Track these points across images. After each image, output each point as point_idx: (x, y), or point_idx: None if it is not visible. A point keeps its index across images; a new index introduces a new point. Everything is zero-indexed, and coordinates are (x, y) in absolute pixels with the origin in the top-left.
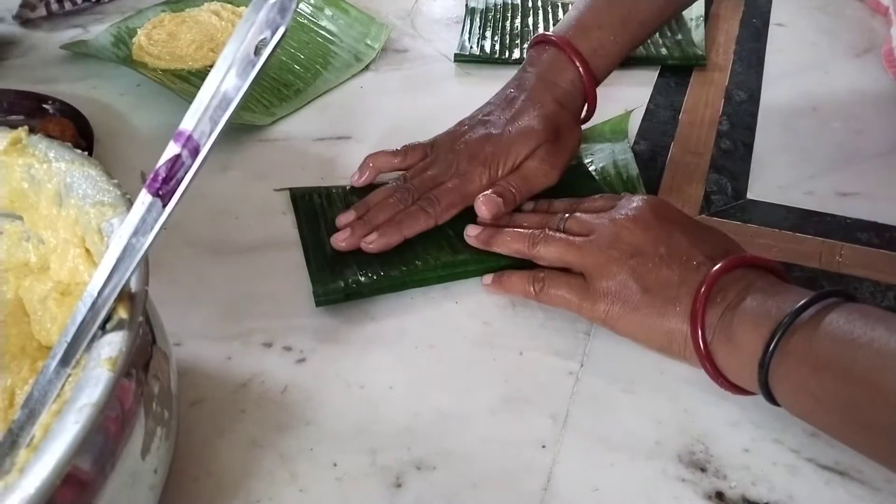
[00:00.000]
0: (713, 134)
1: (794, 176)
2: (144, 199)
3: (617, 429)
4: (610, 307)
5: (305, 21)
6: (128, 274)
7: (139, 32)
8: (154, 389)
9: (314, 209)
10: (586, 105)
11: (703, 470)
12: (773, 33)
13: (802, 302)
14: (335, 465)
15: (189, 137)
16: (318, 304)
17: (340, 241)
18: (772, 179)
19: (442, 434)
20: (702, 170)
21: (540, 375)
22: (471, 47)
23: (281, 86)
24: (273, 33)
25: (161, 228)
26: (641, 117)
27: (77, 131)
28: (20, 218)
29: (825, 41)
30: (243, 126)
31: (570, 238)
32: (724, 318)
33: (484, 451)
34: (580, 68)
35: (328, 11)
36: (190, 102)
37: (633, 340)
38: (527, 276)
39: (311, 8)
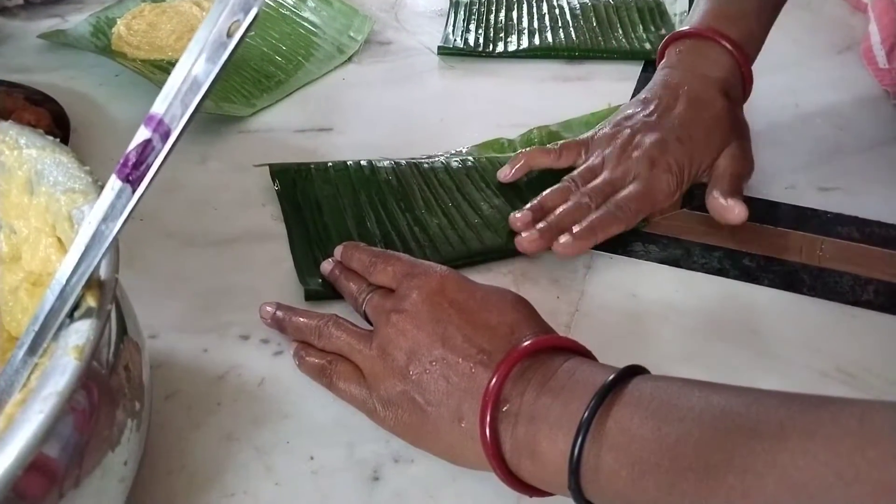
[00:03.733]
0: None
1: (775, 171)
2: (114, 184)
3: None
4: (395, 419)
5: (288, 12)
6: (96, 261)
7: (119, 22)
8: (124, 380)
9: (294, 185)
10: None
11: None
12: None
13: (592, 402)
14: (312, 458)
15: (160, 122)
16: (307, 299)
17: (527, 243)
18: (754, 175)
19: None
20: None
21: None
22: (455, 40)
23: (262, 77)
24: (245, 15)
25: (131, 215)
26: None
27: (53, 121)
28: None
29: (806, 38)
30: (223, 117)
31: (351, 334)
32: (516, 431)
33: None
34: (735, 54)
35: (311, 3)
36: None
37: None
38: (319, 364)
39: (294, 0)
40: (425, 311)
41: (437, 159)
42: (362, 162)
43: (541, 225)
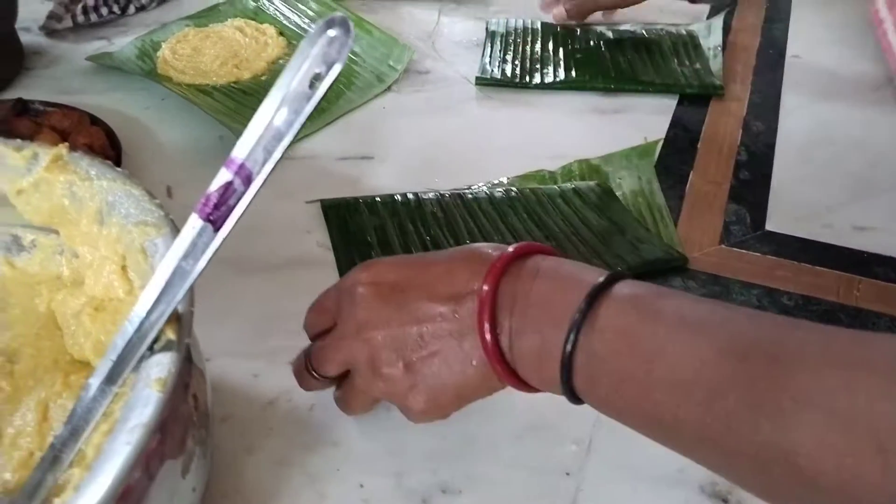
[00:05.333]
0: (731, 164)
1: (811, 208)
2: (195, 223)
3: (640, 457)
4: (425, 409)
5: None
6: (179, 297)
7: (164, 46)
8: (193, 408)
9: (343, 218)
10: None
11: (724, 501)
12: (790, 65)
13: (582, 303)
14: (362, 486)
15: (242, 165)
16: None
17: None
18: (790, 211)
19: (467, 458)
20: (721, 199)
21: (563, 402)
22: (492, 71)
23: None
24: (328, 69)
25: (214, 255)
26: (661, 145)
27: (106, 143)
28: (56, 232)
29: (840, 74)
30: None
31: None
32: (512, 323)
33: (509, 477)
34: None
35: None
36: (214, 118)
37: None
38: (336, 396)
39: None
40: (377, 309)
41: (479, 189)
42: (408, 195)
43: None
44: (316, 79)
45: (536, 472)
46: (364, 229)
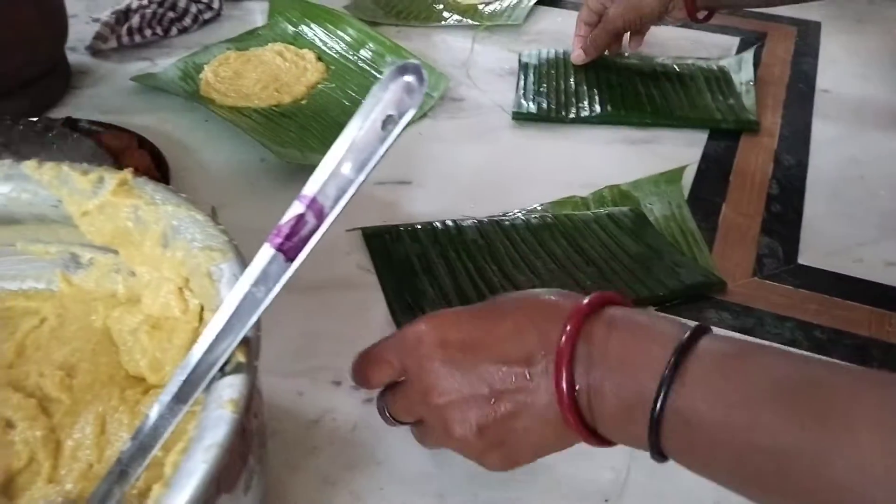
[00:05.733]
0: (763, 197)
1: (842, 243)
2: (266, 252)
3: (675, 489)
4: (508, 463)
5: (366, 66)
6: (251, 322)
7: (206, 69)
8: (254, 427)
9: (385, 244)
10: None
11: None
12: (819, 99)
13: (672, 358)
14: None
15: (314, 199)
16: None
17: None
18: (821, 246)
19: (507, 483)
20: (753, 232)
21: None
22: (528, 106)
23: (343, 127)
24: (400, 114)
25: (287, 283)
26: (693, 177)
27: (153, 164)
28: (114, 252)
29: (870, 109)
30: (308, 166)
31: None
32: (590, 378)
33: (548, 503)
34: None
35: (389, 58)
36: (258, 141)
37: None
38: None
39: (371, 54)
40: (446, 375)
41: (515, 216)
42: (448, 222)
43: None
44: (388, 121)
45: (575, 497)
46: (407, 256)
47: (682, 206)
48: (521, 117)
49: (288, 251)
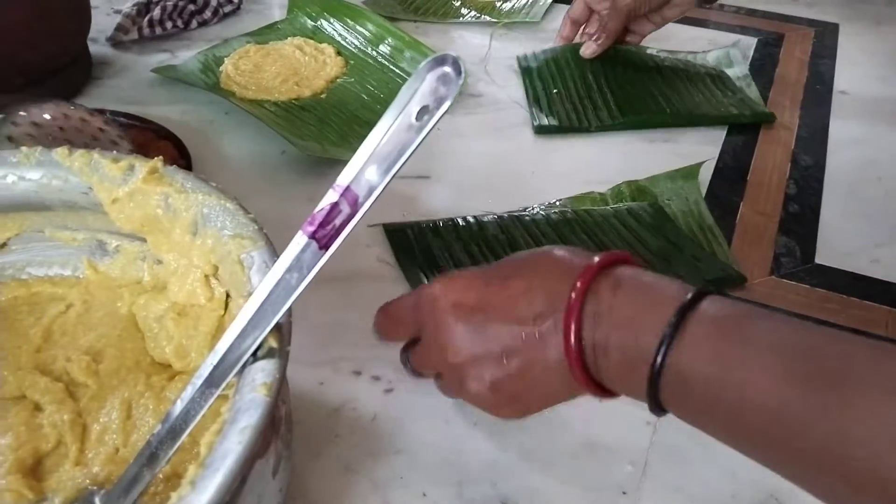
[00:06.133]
0: (781, 196)
1: (859, 243)
2: (300, 239)
3: (694, 480)
4: (515, 414)
5: (385, 62)
6: (284, 307)
7: (226, 61)
8: (282, 412)
9: (407, 239)
10: None
11: None
12: (837, 100)
13: (673, 318)
14: (425, 494)
15: (348, 188)
16: None
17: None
18: (838, 245)
19: (525, 472)
20: (771, 231)
21: (619, 424)
22: (547, 119)
23: (363, 123)
24: (438, 104)
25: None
26: (711, 175)
27: (176, 155)
28: (142, 239)
29: (888, 110)
30: (327, 160)
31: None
32: (597, 333)
33: (567, 494)
34: None
35: (407, 54)
36: (279, 133)
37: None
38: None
39: (390, 49)
40: (460, 334)
41: (535, 211)
42: (469, 218)
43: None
44: (423, 112)
45: (594, 489)
46: (430, 251)
47: (699, 202)
48: (543, 131)
49: (321, 239)
